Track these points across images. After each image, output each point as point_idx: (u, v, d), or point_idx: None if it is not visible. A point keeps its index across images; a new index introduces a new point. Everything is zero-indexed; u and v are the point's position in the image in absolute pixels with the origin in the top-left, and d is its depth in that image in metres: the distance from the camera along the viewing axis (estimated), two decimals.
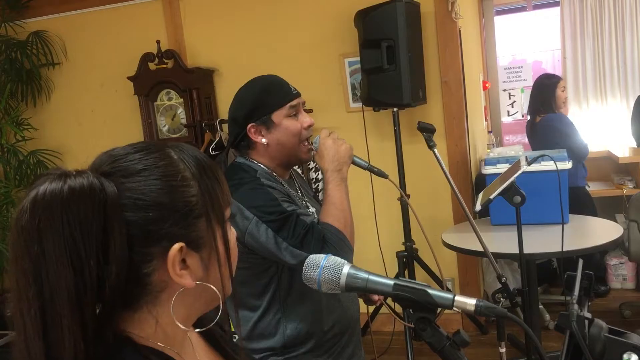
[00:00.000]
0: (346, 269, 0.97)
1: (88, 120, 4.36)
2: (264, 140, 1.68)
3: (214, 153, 3.77)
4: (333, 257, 0.99)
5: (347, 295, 1.75)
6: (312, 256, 1.01)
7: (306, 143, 1.72)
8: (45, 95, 4.40)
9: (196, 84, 3.91)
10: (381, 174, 1.80)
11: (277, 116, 1.68)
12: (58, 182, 0.73)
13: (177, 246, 0.76)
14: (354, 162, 1.77)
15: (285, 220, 1.57)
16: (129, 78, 3.97)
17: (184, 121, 3.95)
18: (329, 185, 1.67)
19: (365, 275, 0.96)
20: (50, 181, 0.73)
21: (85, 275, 0.71)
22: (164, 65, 3.94)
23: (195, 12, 4.08)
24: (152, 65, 3.96)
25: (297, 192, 1.80)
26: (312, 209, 1.76)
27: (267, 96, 1.69)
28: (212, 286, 0.82)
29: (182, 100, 3.94)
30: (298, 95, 1.73)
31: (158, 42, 3.92)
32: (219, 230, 0.82)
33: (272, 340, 1.68)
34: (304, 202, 1.77)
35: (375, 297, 1.89)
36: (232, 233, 0.88)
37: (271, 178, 1.69)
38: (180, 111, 3.97)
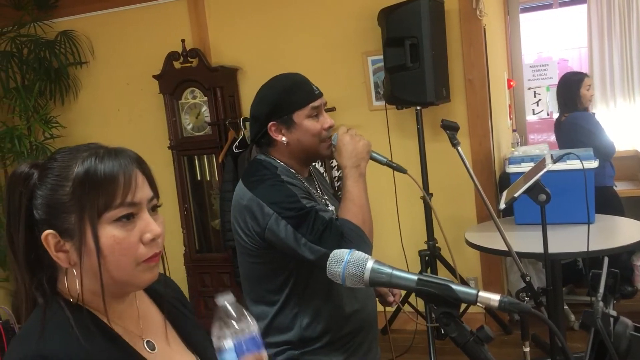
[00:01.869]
0: (370, 263, 0.98)
1: (114, 118, 4.43)
2: (284, 139, 1.70)
3: (237, 151, 3.80)
4: (357, 252, 1.00)
5: (364, 292, 1.78)
6: (336, 251, 1.02)
7: (326, 141, 1.74)
8: (73, 93, 4.48)
9: (220, 82, 3.95)
10: (400, 170, 1.80)
11: (298, 116, 1.69)
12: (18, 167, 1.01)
13: (46, 232, 0.96)
14: (372, 158, 1.77)
15: (305, 216, 1.59)
16: (154, 77, 4.02)
17: (207, 119, 3.99)
18: (347, 181, 1.68)
19: (389, 270, 0.97)
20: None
21: (16, 235, 0.98)
22: (189, 64, 3.98)
23: (219, 11, 4.11)
24: (177, 64, 4.00)
25: (317, 190, 1.81)
26: (331, 207, 1.78)
27: (289, 95, 1.70)
28: (71, 270, 0.98)
29: (206, 98, 3.98)
30: (320, 95, 1.74)
31: (183, 41, 3.96)
32: (90, 227, 0.95)
33: (289, 335, 1.71)
34: (323, 200, 1.79)
35: (391, 298, 1.90)
36: (128, 231, 0.98)
37: (291, 175, 1.71)
38: (204, 109, 4.01)
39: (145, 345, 1.05)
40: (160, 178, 1.07)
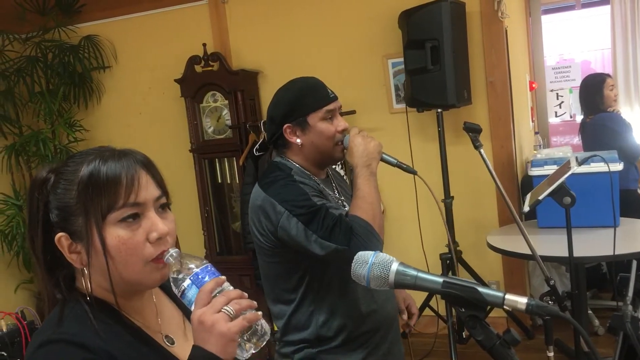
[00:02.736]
0: (395, 265, 0.98)
1: (136, 122, 4.47)
2: (298, 140, 1.75)
3: (257, 154, 3.81)
4: (382, 254, 1.00)
5: (383, 293, 1.79)
6: (360, 253, 1.02)
7: (340, 143, 1.77)
8: (96, 97, 4.54)
9: (241, 85, 3.97)
10: (410, 171, 1.82)
11: (313, 118, 1.73)
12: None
13: (59, 235, 1.00)
14: (382, 159, 1.79)
15: (315, 213, 1.62)
16: (176, 80, 4.06)
17: (228, 122, 4.01)
18: (358, 179, 1.71)
19: (414, 273, 0.96)
20: None
21: (35, 238, 1.02)
22: (210, 68, 4.01)
23: (240, 15, 4.14)
24: (198, 68, 4.04)
25: (334, 192, 1.83)
26: (347, 208, 1.79)
27: (304, 98, 1.74)
28: (82, 268, 1.01)
29: (227, 102, 4.00)
30: (335, 99, 1.77)
31: (204, 45, 3.99)
32: (96, 229, 0.98)
33: (306, 332, 1.74)
34: (339, 201, 1.82)
35: (405, 316, 1.91)
36: (133, 232, 1.00)
37: (305, 176, 1.75)
38: (225, 113, 4.03)
39: (164, 339, 1.08)
40: (181, 181, 1.08)
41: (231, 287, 1.00)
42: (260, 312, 0.99)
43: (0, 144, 4.31)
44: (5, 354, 2.87)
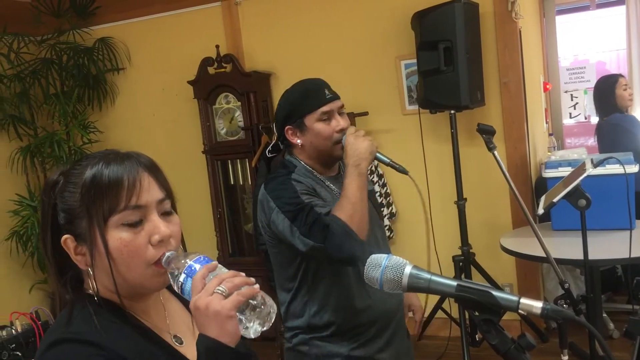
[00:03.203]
0: (408, 269, 0.97)
1: (149, 123, 4.50)
2: (298, 141, 1.84)
3: (270, 155, 3.81)
4: (395, 257, 0.99)
5: (369, 288, 1.79)
6: (373, 256, 1.01)
7: (339, 143, 1.83)
8: (110, 99, 4.57)
9: (253, 87, 3.98)
10: (402, 171, 1.85)
11: (309, 120, 1.81)
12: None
13: (64, 237, 1.02)
14: (376, 158, 1.83)
15: (300, 210, 1.71)
16: (189, 82, 4.08)
17: (241, 124, 4.02)
18: (346, 179, 1.76)
19: (427, 276, 0.96)
20: None
21: (45, 239, 1.03)
22: (223, 69, 4.03)
23: (253, 17, 4.15)
24: (211, 70, 4.05)
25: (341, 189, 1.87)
26: None
27: (301, 101, 1.83)
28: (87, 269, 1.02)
29: (239, 103, 4.02)
30: (332, 99, 1.82)
31: (217, 46, 4.00)
32: (98, 231, 0.98)
33: (300, 320, 1.84)
34: None
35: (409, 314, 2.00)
36: (135, 234, 1.00)
37: (309, 174, 1.84)
38: (238, 114, 4.04)
39: (173, 339, 1.08)
40: (194, 182, 1.09)
41: (225, 270, 1.00)
42: (256, 286, 0.97)
43: (16, 146, 4.35)
44: (19, 354, 2.90)
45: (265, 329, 0.97)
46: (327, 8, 3.95)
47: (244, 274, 0.98)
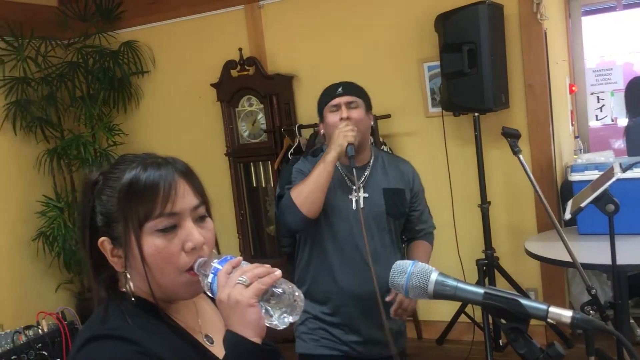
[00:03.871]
0: (434, 275, 0.96)
1: (173, 126, 4.54)
2: (322, 131, 2.17)
3: (292, 158, 3.82)
4: (420, 263, 0.98)
5: (350, 270, 2.08)
6: (398, 262, 1.01)
7: None
8: (135, 102, 4.62)
9: (276, 90, 3.99)
10: (353, 165, 2.02)
11: (325, 112, 2.13)
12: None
13: (101, 239, 1.03)
14: (346, 152, 2.00)
15: (282, 189, 2.10)
16: (212, 85, 4.11)
17: (263, 126, 4.03)
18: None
19: (454, 283, 0.95)
20: None
21: (84, 239, 1.05)
22: (246, 72, 4.05)
23: (275, 20, 4.16)
24: (234, 72, 4.07)
25: (357, 179, 2.07)
26: (363, 194, 2.09)
27: (321, 97, 2.16)
28: (124, 272, 1.04)
29: (262, 106, 4.03)
30: (341, 94, 2.09)
31: (240, 49, 4.02)
32: (134, 236, 0.99)
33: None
34: (355, 189, 2.09)
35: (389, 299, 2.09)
36: (168, 241, 1.01)
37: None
38: (261, 117, 4.06)
39: (204, 339, 1.10)
40: (216, 185, 1.10)
41: (248, 264, 1.00)
42: (278, 273, 0.96)
43: (43, 148, 4.42)
44: (46, 354, 2.94)
45: (293, 319, 0.96)
46: (350, 10, 3.95)
47: (268, 266, 0.98)
